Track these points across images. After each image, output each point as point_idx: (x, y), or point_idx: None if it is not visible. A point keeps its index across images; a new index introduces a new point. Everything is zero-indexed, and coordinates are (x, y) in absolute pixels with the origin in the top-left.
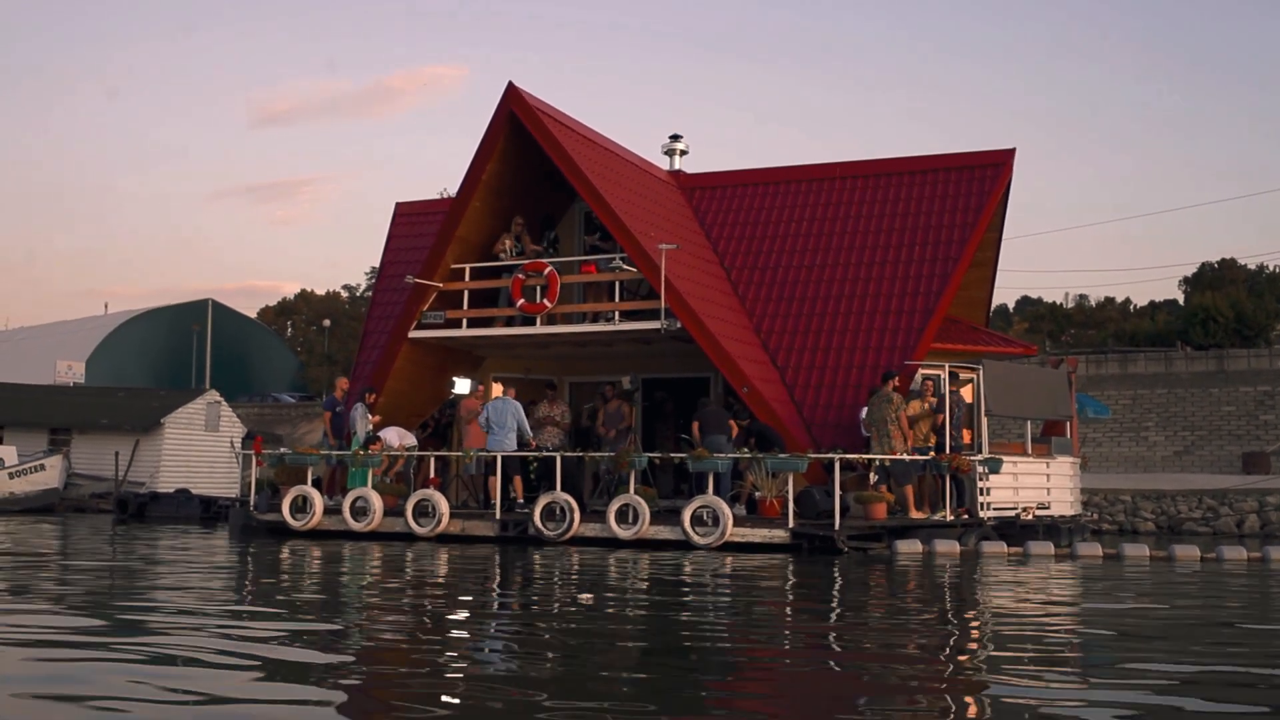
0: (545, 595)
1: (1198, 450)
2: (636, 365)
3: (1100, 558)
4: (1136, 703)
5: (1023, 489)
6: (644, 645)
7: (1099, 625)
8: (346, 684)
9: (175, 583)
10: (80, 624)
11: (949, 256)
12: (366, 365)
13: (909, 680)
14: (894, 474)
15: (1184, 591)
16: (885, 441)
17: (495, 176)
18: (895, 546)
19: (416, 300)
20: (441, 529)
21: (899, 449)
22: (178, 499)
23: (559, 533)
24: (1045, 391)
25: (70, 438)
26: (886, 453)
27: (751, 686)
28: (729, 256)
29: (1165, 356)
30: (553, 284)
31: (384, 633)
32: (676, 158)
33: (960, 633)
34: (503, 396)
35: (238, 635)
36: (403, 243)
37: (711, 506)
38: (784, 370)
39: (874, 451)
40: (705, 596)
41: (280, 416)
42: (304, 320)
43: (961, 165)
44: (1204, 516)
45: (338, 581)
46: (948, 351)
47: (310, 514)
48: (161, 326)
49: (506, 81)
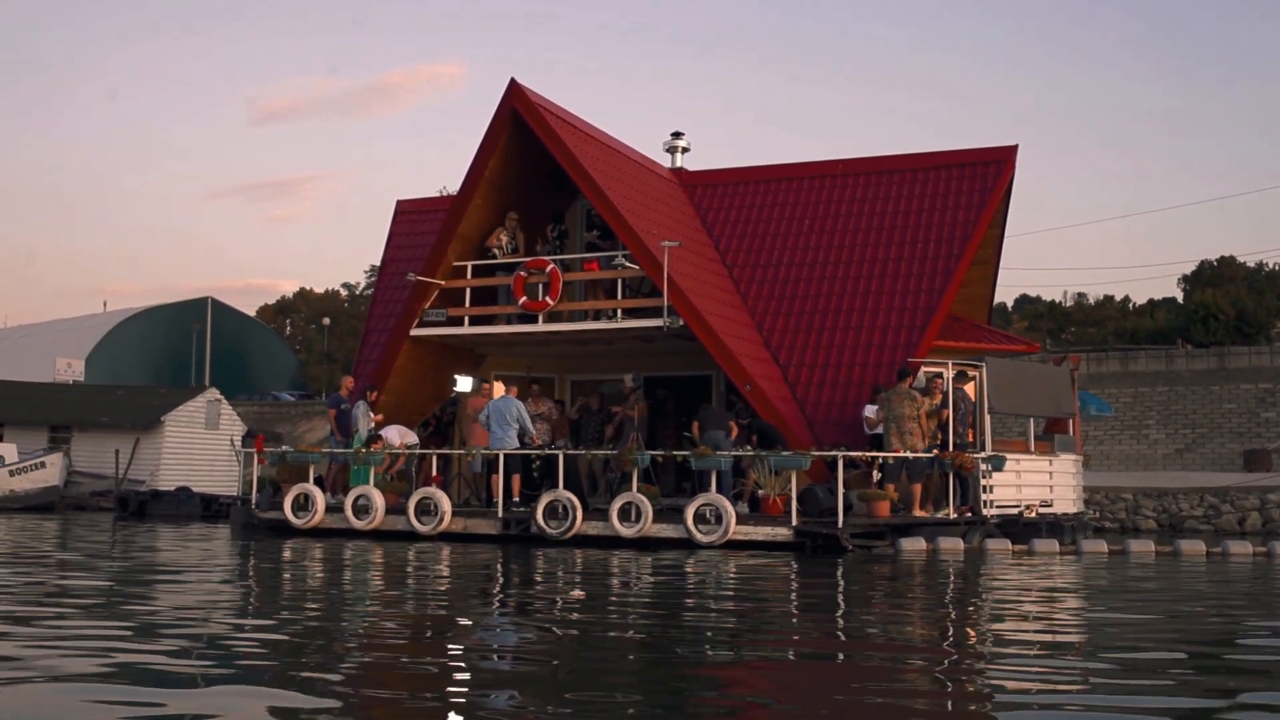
0: (549, 594)
1: (1199, 448)
2: (638, 363)
3: (1106, 554)
4: (1157, 707)
5: (1025, 487)
6: (647, 646)
7: (1111, 621)
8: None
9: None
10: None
11: (951, 254)
12: (368, 363)
13: (921, 682)
14: (910, 471)
15: (1193, 586)
16: (904, 439)
17: (497, 173)
18: (900, 544)
19: (418, 298)
20: (444, 527)
21: (918, 446)
22: (178, 497)
23: (561, 531)
24: (1048, 389)
25: (70, 435)
26: (906, 450)
27: (761, 686)
28: (731, 254)
29: (1166, 354)
30: (555, 282)
31: (387, 639)
32: (678, 155)
33: (974, 631)
34: (505, 395)
35: (235, 634)
36: (404, 240)
37: (715, 505)
38: (786, 368)
39: (891, 448)
40: (710, 595)
41: (280, 415)
42: (303, 319)
43: (963, 162)
44: (1205, 514)
45: (340, 581)
46: (951, 349)
47: (312, 512)
48: (161, 325)
49: (509, 79)
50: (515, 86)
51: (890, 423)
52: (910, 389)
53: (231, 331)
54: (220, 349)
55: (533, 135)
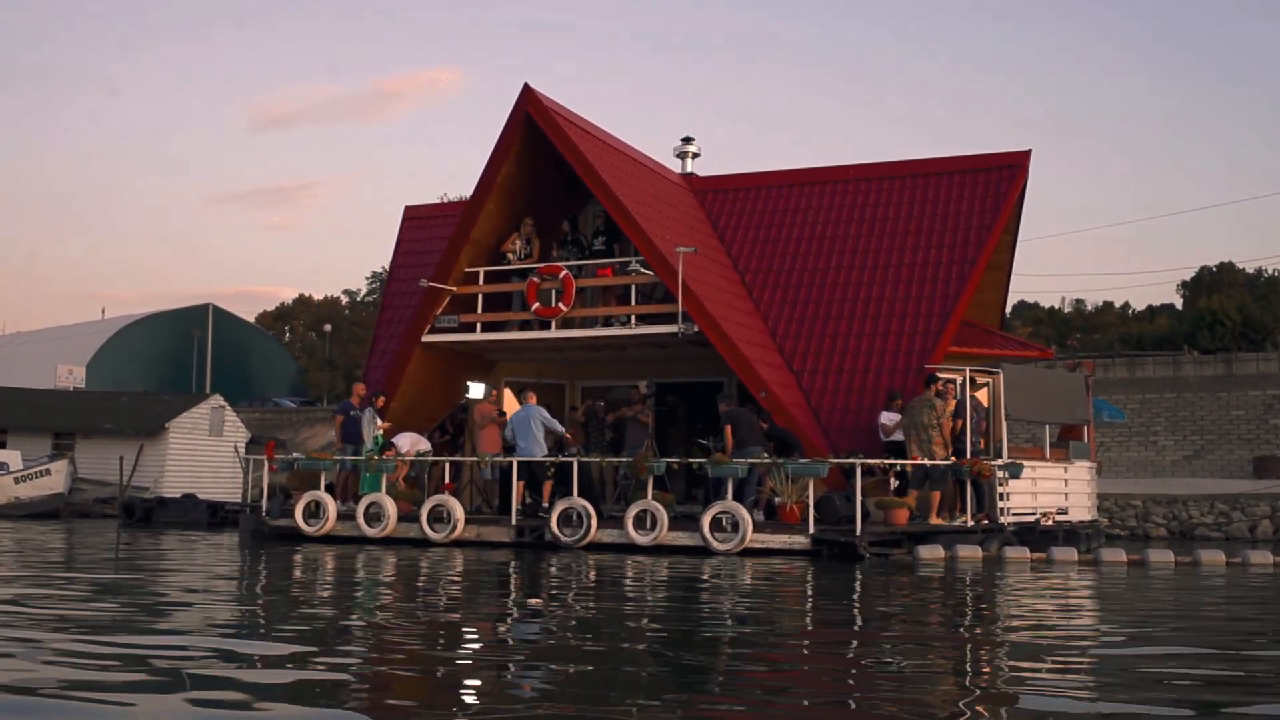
0: (572, 602)
1: (1207, 454)
2: (648, 369)
3: (1125, 563)
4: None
5: (1041, 494)
6: (666, 657)
7: (1138, 633)
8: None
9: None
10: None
11: (966, 259)
12: (377, 370)
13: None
14: (932, 479)
15: (1214, 598)
16: (926, 446)
17: (509, 179)
18: (917, 552)
19: (430, 304)
20: (457, 535)
21: (939, 455)
22: (184, 504)
23: (576, 538)
24: (1064, 395)
25: (74, 442)
26: (927, 457)
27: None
28: (743, 260)
29: (1173, 360)
30: (568, 288)
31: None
32: (689, 160)
33: (1005, 644)
34: (525, 405)
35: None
36: (412, 246)
37: (731, 512)
38: (800, 374)
39: (912, 456)
40: (736, 604)
41: (281, 421)
42: (303, 325)
43: (977, 167)
44: (1216, 522)
45: (397, 594)
46: (965, 355)
47: (324, 519)
48: (161, 331)
49: (523, 83)
50: (529, 91)
51: (910, 430)
52: (934, 396)
53: (232, 338)
54: (220, 355)
55: (544, 140)
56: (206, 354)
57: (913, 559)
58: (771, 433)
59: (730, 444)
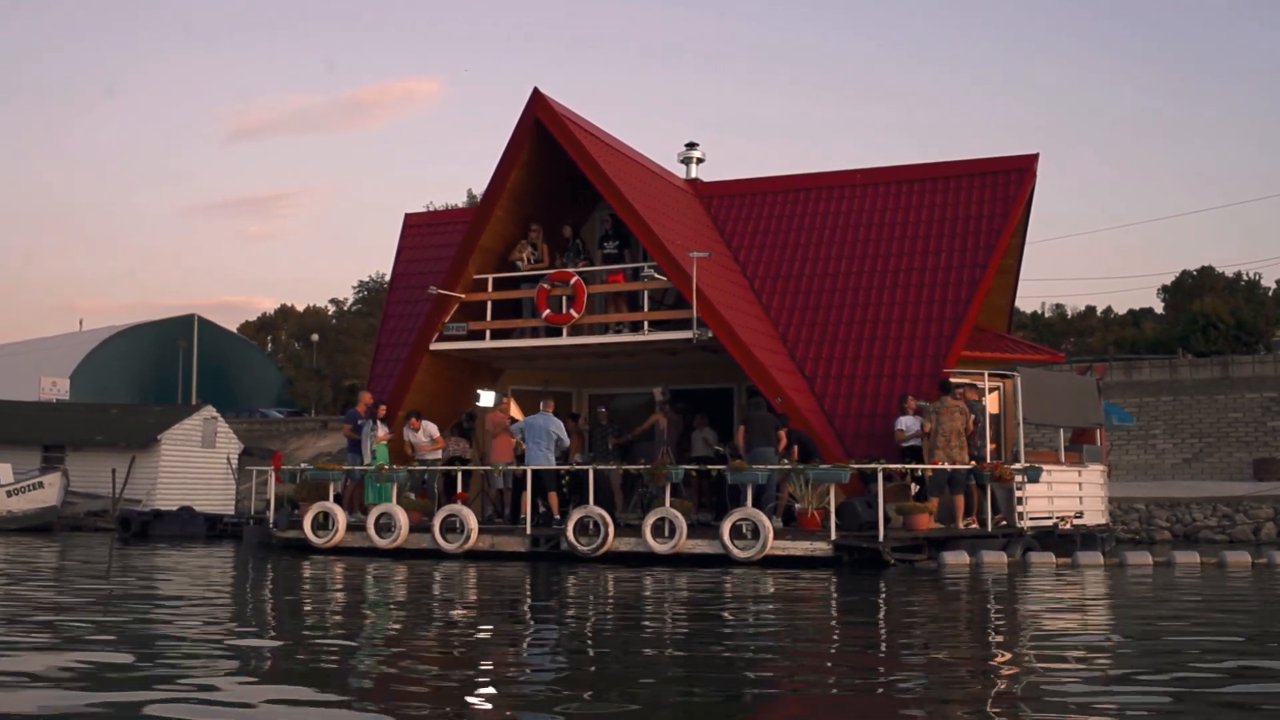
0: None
1: (1207, 457)
2: (658, 376)
3: (1150, 566)
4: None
5: (1057, 498)
6: (696, 675)
7: (1191, 642)
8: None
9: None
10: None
11: (977, 263)
12: (381, 379)
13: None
14: (954, 484)
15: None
16: (952, 451)
17: (519, 184)
18: (943, 559)
19: (438, 312)
20: (470, 545)
21: (959, 459)
22: (181, 517)
23: (593, 548)
24: (1077, 399)
25: (64, 455)
26: (946, 462)
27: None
28: (750, 265)
29: (1169, 364)
30: (579, 294)
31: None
32: (693, 166)
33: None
34: (544, 412)
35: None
36: (414, 254)
37: (751, 519)
38: (812, 380)
39: (934, 461)
40: (770, 616)
41: (269, 432)
42: (286, 335)
43: (984, 171)
44: (1219, 524)
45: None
46: (978, 360)
47: (333, 531)
48: (144, 342)
49: (532, 88)
50: (538, 96)
51: (939, 435)
52: (963, 403)
53: (216, 349)
54: (205, 366)
55: (551, 146)
56: (193, 365)
57: (937, 565)
58: (793, 436)
59: (742, 444)
